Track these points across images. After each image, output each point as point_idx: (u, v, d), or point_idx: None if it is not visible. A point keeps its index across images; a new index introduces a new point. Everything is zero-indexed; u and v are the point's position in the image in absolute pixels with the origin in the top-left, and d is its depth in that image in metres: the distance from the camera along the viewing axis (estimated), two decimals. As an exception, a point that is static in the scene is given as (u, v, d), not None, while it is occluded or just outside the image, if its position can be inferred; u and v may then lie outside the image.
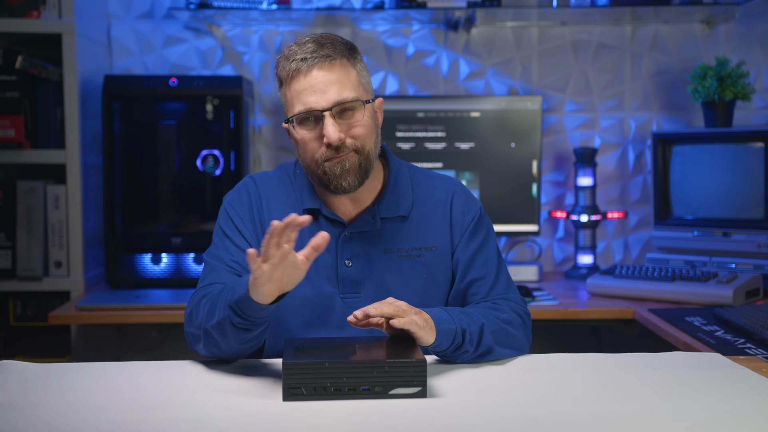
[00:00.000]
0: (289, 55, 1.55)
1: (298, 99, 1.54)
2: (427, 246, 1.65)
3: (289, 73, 1.54)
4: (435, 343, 1.45)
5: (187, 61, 2.98)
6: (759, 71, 2.98)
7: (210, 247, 1.66)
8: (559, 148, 3.03)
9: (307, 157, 1.57)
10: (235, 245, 1.62)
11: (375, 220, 1.63)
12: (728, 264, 2.61)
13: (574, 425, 1.20)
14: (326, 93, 1.52)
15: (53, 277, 2.64)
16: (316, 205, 1.64)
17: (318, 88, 1.52)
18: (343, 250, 1.62)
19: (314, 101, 1.52)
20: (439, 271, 1.65)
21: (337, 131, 1.52)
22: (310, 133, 1.55)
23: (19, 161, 2.60)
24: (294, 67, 1.53)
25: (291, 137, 1.60)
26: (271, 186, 1.69)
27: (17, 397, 1.34)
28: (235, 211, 1.66)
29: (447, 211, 1.68)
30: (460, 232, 1.67)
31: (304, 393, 1.30)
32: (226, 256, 1.61)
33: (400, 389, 1.31)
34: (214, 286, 1.54)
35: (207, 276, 1.60)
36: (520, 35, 3.01)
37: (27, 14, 2.59)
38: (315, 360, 1.30)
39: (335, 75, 1.54)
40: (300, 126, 1.55)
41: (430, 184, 1.71)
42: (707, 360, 1.56)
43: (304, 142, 1.56)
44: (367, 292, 1.62)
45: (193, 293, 1.59)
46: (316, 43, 1.54)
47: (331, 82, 1.53)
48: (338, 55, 1.55)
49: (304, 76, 1.53)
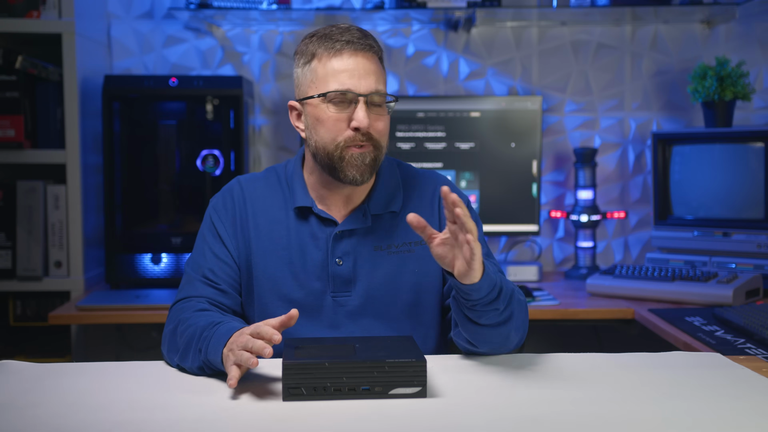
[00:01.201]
0: (331, 34, 1.56)
1: (336, 78, 1.55)
2: (417, 240, 1.65)
3: (330, 51, 1.55)
4: (477, 286, 1.40)
5: (187, 61, 2.98)
6: (759, 71, 2.98)
7: (192, 253, 1.68)
8: (559, 148, 3.03)
9: (327, 137, 1.57)
10: (213, 253, 1.64)
11: (366, 218, 1.64)
12: (728, 264, 2.61)
13: (574, 425, 1.20)
14: (367, 80, 1.55)
15: (53, 277, 2.64)
16: (308, 203, 1.64)
17: (360, 72, 1.55)
18: (334, 248, 1.62)
19: (354, 84, 1.54)
20: (429, 264, 1.64)
21: (367, 118, 1.54)
22: (338, 114, 1.55)
23: (19, 161, 2.60)
24: (338, 47, 1.55)
25: (309, 116, 1.59)
26: (258, 187, 1.69)
27: (17, 397, 1.34)
28: (218, 217, 1.67)
29: (435, 203, 1.69)
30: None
31: (304, 393, 1.30)
32: (203, 264, 1.63)
33: (400, 389, 1.31)
34: (188, 314, 1.55)
35: (184, 288, 1.63)
36: (520, 35, 3.01)
37: (27, 14, 2.59)
38: (315, 360, 1.30)
39: (375, 66, 1.58)
40: (330, 104, 1.56)
41: (418, 179, 1.72)
42: (707, 360, 1.56)
43: (330, 121, 1.56)
44: (358, 291, 1.62)
45: (172, 308, 1.62)
46: (360, 32, 1.58)
47: (372, 72, 1.57)
48: (378, 50, 1.61)
49: (348, 57, 1.55)
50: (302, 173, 1.67)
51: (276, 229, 1.64)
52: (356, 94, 1.54)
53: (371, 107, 1.56)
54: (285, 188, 1.68)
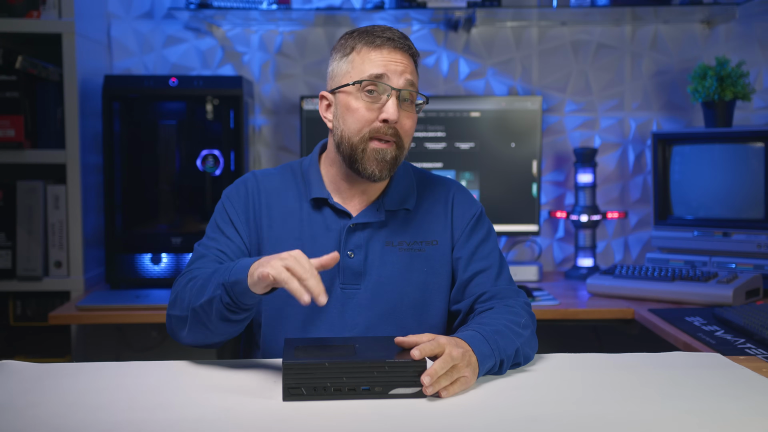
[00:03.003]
0: (373, 30, 1.60)
1: (373, 66, 1.57)
2: (428, 240, 1.67)
3: (370, 45, 1.58)
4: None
5: (187, 61, 2.98)
6: (759, 71, 2.98)
7: (202, 239, 1.67)
8: (559, 148, 3.03)
9: (354, 127, 1.58)
10: (225, 236, 1.64)
11: (380, 212, 1.65)
12: (728, 264, 2.61)
13: (574, 425, 1.20)
14: (402, 75, 1.58)
15: (53, 277, 2.64)
16: (324, 195, 1.65)
17: (396, 67, 1.58)
18: (347, 241, 1.63)
19: (389, 76, 1.57)
20: (439, 265, 1.67)
21: (397, 112, 1.56)
22: (369, 104, 1.57)
23: (19, 161, 2.60)
24: (379, 42, 1.58)
25: (339, 104, 1.60)
26: (273, 180, 1.70)
27: (17, 397, 1.34)
28: (231, 204, 1.67)
29: (449, 208, 1.71)
30: (461, 228, 1.69)
31: (304, 393, 1.30)
32: (214, 246, 1.63)
33: (400, 389, 1.31)
34: (201, 270, 1.55)
35: (194, 262, 1.62)
36: (520, 35, 3.01)
37: (27, 14, 2.59)
38: (315, 360, 1.30)
39: (411, 65, 1.61)
40: (363, 92, 1.57)
41: (432, 182, 1.75)
42: (707, 360, 1.56)
43: (360, 110, 1.57)
44: (367, 284, 1.63)
45: (178, 277, 1.60)
46: (401, 33, 1.62)
47: (408, 69, 1.60)
48: (415, 53, 1.64)
49: (388, 52, 1.58)
50: (319, 167, 1.69)
51: (289, 219, 1.66)
52: (390, 87, 1.56)
53: (402, 103, 1.58)
54: (300, 182, 1.69)
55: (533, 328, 1.58)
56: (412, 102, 1.61)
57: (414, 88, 1.60)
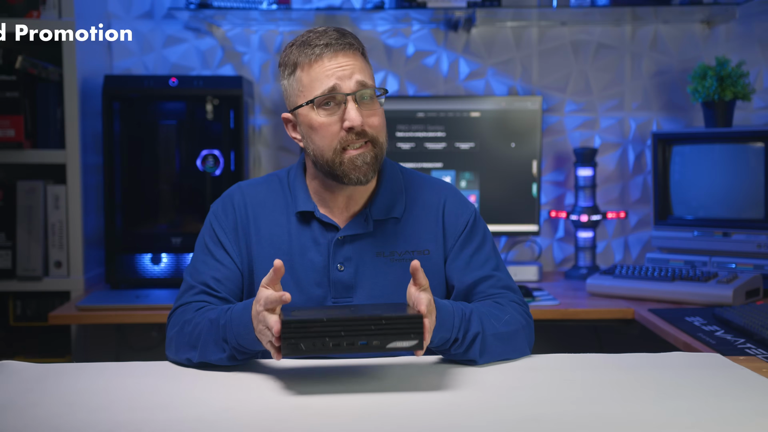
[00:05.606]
0: (309, 41, 1.55)
1: (320, 82, 1.53)
2: (420, 249, 1.64)
3: (310, 58, 1.54)
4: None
5: (187, 61, 2.98)
6: (759, 71, 2.98)
7: (191, 261, 1.66)
8: (559, 148, 3.03)
9: (324, 144, 1.55)
10: (216, 260, 1.62)
11: (368, 223, 1.62)
12: (728, 264, 2.61)
13: (574, 425, 1.20)
14: (351, 77, 1.54)
15: (53, 277, 2.64)
16: (310, 208, 1.63)
17: (343, 72, 1.53)
18: (336, 254, 1.61)
19: (339, 84, 1.53)
20: (431, 275, 1.62)
21: (359, 116, 1.52)
22: (330, 118, 1.54)
23: (19, 161, 2.60)
24: (318, 52, 1.54)
25: (302, 125, 1.58)
26: (259, 192, 1.67)
27: (17, 397, 1.34)
28: (219, 224, 1.65)
29: (440, 216, 1.67)
30: (454, 237, 1.66)
31: (303, 349, 1.30)
32: (204, 271, 1.61)
33: (397, 342, 1.32)
34: (191, 314, 1.55)
35: (183, 295, 1.61)
36: (520, 35, 3.01)
37: (27, 14, 2.59)
38: (313, 317, 1.32)
39: (359, 63, 1.56)
40: (320, 109, 1.54)
41: (422, 187, 1.70)
42: (707, 360, 1.56)
43: (323, 126, 1.55)
44: (360, 296, 1.61)
45: (171, 315, 1.61)
46: (338, 32, 1.57)
47: (356, 68, 1.55)
48: (359, 46, 1.58)
49: (328, 60, 1.54)
50: (304, 178, 1.66)
51: (277, 233, 1.63)
52: (343, 94, 1.53)
53: (362, 104, 1.54)
54: (287, 193, 1.66)
55: (524, 327, 1.57)
56: (372, 97, 1.57)
57: (369, 85, 1.56)
